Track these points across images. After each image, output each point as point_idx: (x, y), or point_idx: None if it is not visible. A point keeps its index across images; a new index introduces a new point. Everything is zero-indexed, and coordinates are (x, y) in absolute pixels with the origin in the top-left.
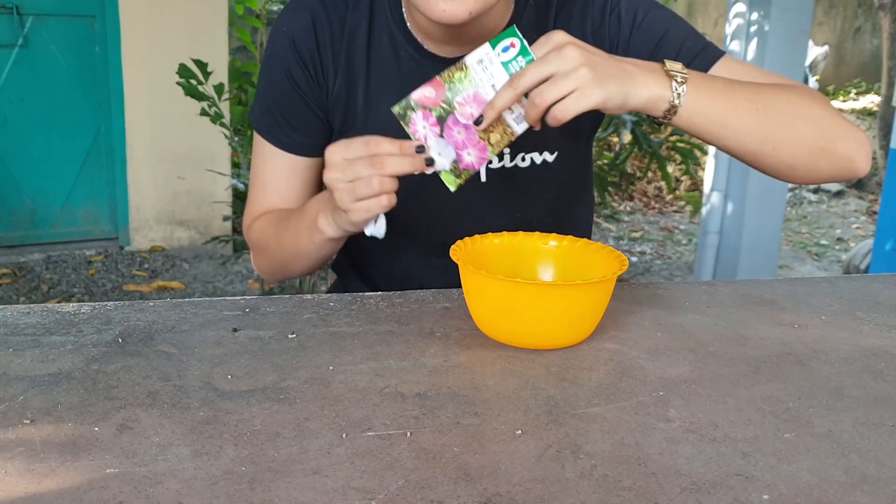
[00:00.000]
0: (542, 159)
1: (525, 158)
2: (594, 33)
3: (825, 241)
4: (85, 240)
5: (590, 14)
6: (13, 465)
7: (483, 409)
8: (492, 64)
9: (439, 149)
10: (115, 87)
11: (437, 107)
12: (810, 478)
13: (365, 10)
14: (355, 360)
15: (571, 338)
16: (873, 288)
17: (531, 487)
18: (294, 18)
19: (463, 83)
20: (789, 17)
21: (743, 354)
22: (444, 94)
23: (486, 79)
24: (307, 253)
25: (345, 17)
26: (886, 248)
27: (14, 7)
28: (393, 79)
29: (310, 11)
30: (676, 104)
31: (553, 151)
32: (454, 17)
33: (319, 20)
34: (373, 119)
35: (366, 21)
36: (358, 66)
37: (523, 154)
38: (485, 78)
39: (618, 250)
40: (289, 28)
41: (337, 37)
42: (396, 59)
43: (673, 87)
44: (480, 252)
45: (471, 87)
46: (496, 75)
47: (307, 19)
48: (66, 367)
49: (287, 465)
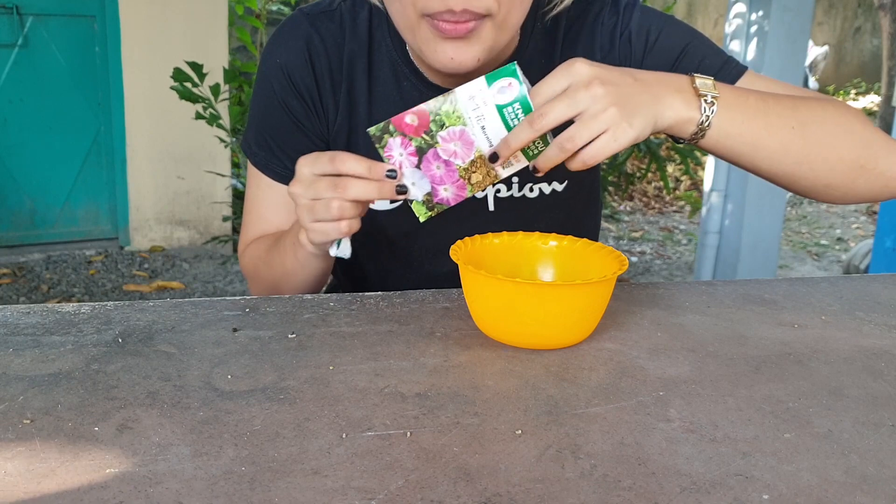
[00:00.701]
0: (550, 189)
1: (533, 189)
2: (604, 58)
3: (825, 241)
4: (85, 240)
5: (598, 38)
6: (13, 465)
7: (483, 409)
8: (485, 104)
9: (414, 179)
10: (115, 87)
11: (419, 137)
12: (810, 478)
13: (364, 37)
14: (355, 360)
15: (571, 338)
16: (873, 288)
17: (531, 487)
18: (287, 48)
19: (450, 118)
20: (789, 17)
21: (743, 354)
22: (427, 124)
23: (475, 118)
24: (293, 270)
25: (342, 44)
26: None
27: (14, 7)
28: (396, 108)
29: (304, 39)
30: (705, 127)
31: (563, 181)
32: (461, 66)
33: (315, 48)
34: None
35: (365, 48)
36: (359, 94)
37: (531, 185)
38: (474, 117)
39: (618, 250)
40: (283, 60)
41: (335, 65)
42: (399, 88)
43: (702, 107)
44: (480, 252)
45: (458, 124)
46: (488, 117)
47: (301, 48)
48: (66, 367)
49: (287, 465)
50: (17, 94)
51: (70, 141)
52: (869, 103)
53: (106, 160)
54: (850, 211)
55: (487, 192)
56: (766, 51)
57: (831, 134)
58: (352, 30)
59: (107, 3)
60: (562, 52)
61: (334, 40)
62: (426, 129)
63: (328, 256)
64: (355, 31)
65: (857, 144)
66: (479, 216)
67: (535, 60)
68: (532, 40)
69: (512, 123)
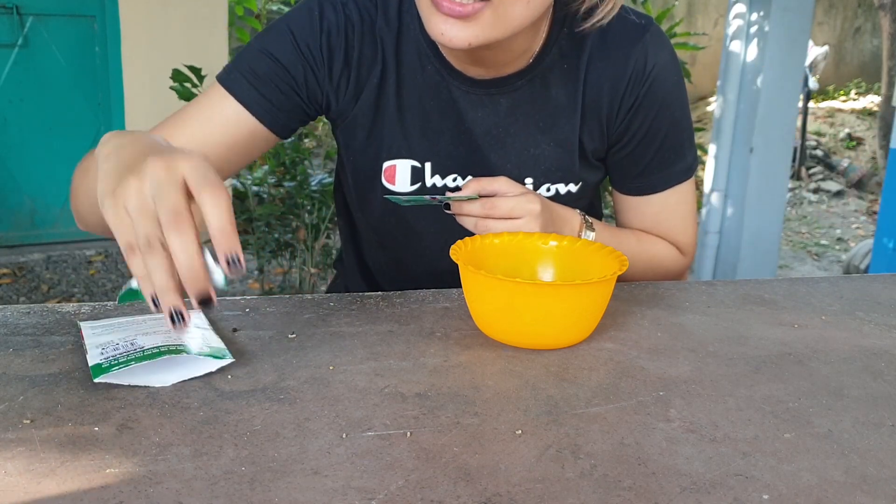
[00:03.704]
0: (566, 190)
1: (550, 189)
2: (628, 86)
3: (825, 241)
4: (85, 240)
5: (633, 60)
6: (13, 465)
7: (483, 409)
8: None
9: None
10: (115, 87)
11: None
12: (810, 478)
13: (394, 17)
14: (355, 360)
15: (571, 338)
16: (873, 288)
17: (531, 487)
18: (331, 3)
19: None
20: (789, 17)
21: (743, 354)
22: None
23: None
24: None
25: (374, 19)
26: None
27: (14, 7)
28: (417, 89)
29: (342, 3)
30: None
31: (577, 182)
32: (451, 42)
33: (351, 18)
34: (409, 118)
35: (395, 30)
36: (389, 73)
37: (549, 185)
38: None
39: (618, 250)
40: (319, 11)
41: (368, 39)
42: (422, 70)
43: (585, 232)
44: (480, 252)
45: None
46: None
47: (339, 10)
48: (66, 367)
49: (287, 465)
50: (17, 94)
51: (70, 141)
52: (869, 103)
53: None
54: (851, 211)
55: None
56: (766, 51)
57: (647, 265)
58: (383, 10)
59: (107, 3)
60: (590, 59)
61: (368, 13)
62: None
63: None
64: (386, 11)
65: (659, 268)
66: None
67: (558, 65)
68: (557, 45)
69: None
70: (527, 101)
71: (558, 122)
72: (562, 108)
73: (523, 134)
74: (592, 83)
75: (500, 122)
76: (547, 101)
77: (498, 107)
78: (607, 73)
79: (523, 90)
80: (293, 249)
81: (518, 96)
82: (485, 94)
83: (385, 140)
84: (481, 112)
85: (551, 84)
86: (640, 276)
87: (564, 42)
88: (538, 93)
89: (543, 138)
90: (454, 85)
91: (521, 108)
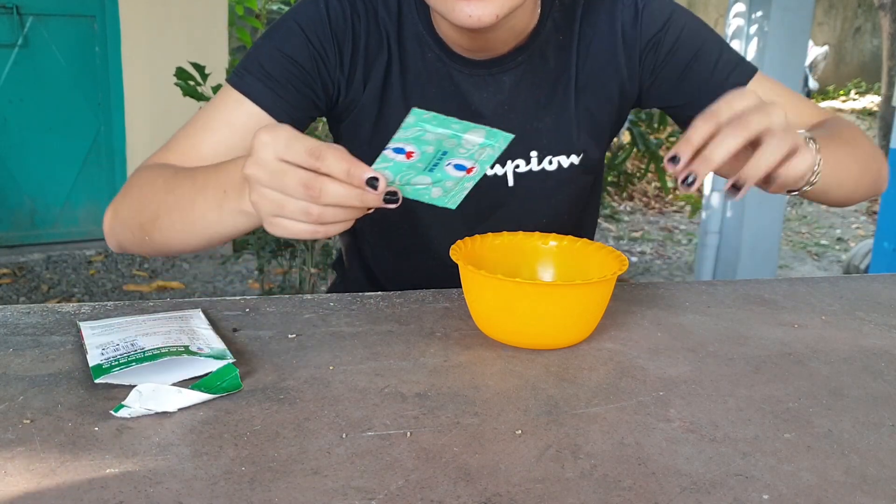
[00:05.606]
0: (569, 162)
1: (552, 161)
2: (625, 34)
3: (825, 241)
4: (85, 240)
5: (619, 15)
6: (13, 465)
7: (483, 409)
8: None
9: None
10: (115, 87)
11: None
12: (810, 478)
13: (393, 6)
14: (355, 360)
15: (571, 338)
16: (873, 288)
17: (531, 487)
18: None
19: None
20: (789, 17)
21: (743, 354)
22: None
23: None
24: (200, 218)
25: (377, 9)
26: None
27: (14, 7)
28: (420, 76)
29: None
30: (815, 181)
31: (579, 154)
32: (480, 21)
33: (356, 8)
34: (414, 105)
35: (395, 17)
36: (392, 59)
37: (550, 158)
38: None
39: (618, 250)
40: (327, 6)
41: (373, 28)
42: (423, 57)
43: (818, 158)
44: (480, 252)
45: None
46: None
47: (346, 4)
48: (66, 367)
49: (287, 465)
50: (17, 94)
51: (70, 141)
52: (869, 103)
53: (106, 160)
54: (851, 211)
55: (507, 168)
56: (766, 51)
57: (865, 158)
58: (384, 1)
59: (107, 3)
60: (580, 29)
61: (372, 6)
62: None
63: (258, 221)
64: (386, 1)
65: (869, 161)
66: (500, 191)
67: (553, 38)
68: (551, 17)
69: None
70: (528, 76)
71: (556, 94)
72: (559, 79)
73: (526, 109)
74: (585, 50)
75: (504, 99)
76: (547, 75)
77: (502, 85)
78: (601, 31)
79: (524, 66)
80: (293, 249)
81: (520, 72)
82: (487, 73)
83: (391, 128)
84: (486, 93)
85: (549, 57)
86: (859, 167)
87: (557, 14)
88: (538, 66)
89: (544, 112)
90: (455, 69)
91: (523, 83)
